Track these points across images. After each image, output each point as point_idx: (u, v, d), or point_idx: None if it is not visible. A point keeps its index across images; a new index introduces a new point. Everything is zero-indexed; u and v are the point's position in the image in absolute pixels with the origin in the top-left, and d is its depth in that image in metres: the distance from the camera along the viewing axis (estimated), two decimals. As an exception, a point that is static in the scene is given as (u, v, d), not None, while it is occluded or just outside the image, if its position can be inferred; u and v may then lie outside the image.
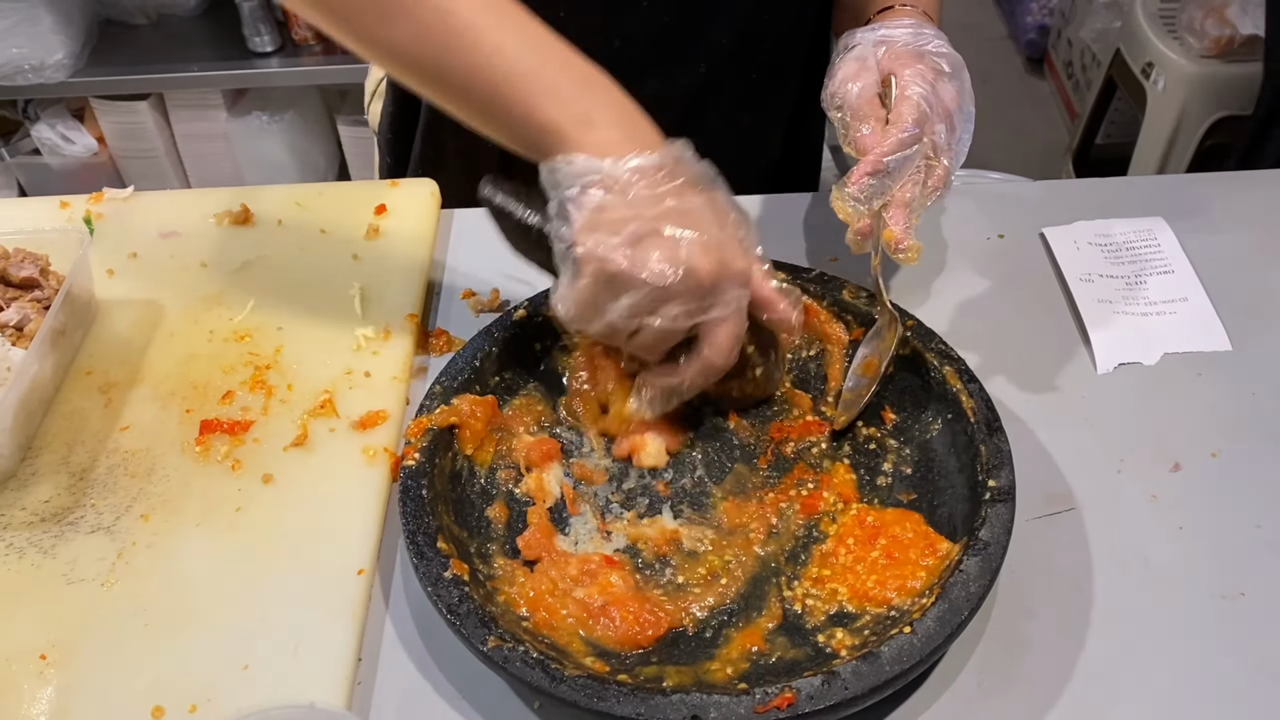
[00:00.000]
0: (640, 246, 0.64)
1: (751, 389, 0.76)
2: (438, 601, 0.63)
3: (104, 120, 2.27)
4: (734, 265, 0.66)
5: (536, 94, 0.66)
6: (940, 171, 0.77)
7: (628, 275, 0.64)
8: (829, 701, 0.57)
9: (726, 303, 0.67)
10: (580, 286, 0.65)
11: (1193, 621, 0.67)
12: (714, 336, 0.68)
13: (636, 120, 0.67)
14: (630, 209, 0.64)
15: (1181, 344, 0.83)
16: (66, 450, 0.77)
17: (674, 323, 0.66)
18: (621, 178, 0.64)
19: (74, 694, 0.64)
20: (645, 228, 0.64)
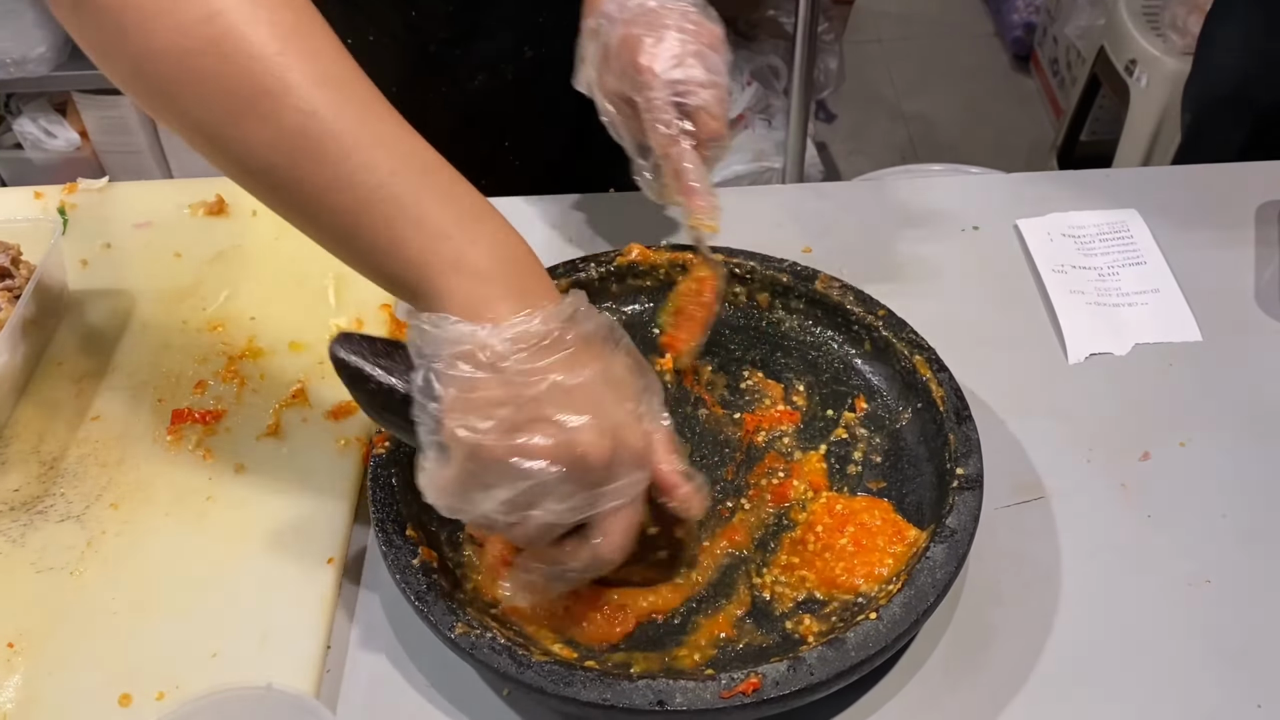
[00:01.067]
0: (518, 433, 0.53)
1: (655, 574, 0.67)
2: (405, 588, 0.63)
3: (86, 114, 2.26)
4: (630, 448, 0.56)
5: (404, 224, 0.55)
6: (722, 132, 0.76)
7: (503, 468, 0.54)
8: (794, 687, 0.57)
9: (620, 491, 0.56)
10: (449, 475, 0.55)
11: (1159, 609, 0.67)
12: (607, 527, 0.57)
13: (522, 266, 0.58)
14: (507, 388, 0.53)
15: (1152, 335, 0.83)
16: (37, 439, 0.77)
17: (559, 517, 0.56)
18: (496, 349, 0.53)
19: (42, 682, 0.64)
20: (525, 412, 0.54)
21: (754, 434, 0.76)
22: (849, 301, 0.78)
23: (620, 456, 0.56)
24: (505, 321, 0.54)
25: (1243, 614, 0.67)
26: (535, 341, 0.54)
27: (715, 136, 0.76)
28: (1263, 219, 0.93)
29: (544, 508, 0.55)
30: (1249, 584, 0.68)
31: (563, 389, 0.54)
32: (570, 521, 0.57)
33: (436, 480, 0.56)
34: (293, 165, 0.55)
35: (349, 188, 0.55)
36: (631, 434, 0.56)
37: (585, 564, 0.59)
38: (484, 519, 0.56)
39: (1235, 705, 0.63)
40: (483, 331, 0.54)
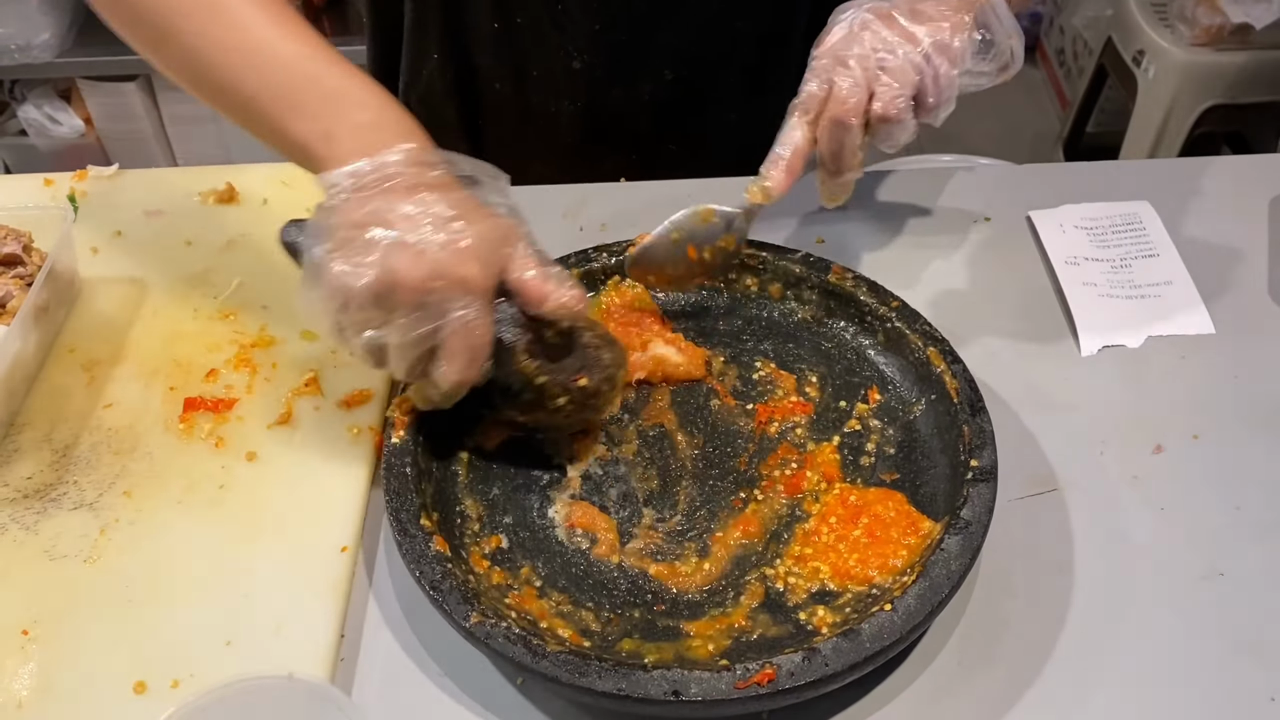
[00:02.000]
0: (346, 252, 0.61)
1: (563, 419, 0.70)
2: (420, 578, 0.63)
3: (91, 101, 2.26)
4: (454, 271, 0.60)
5: (284, 111, 0.65)
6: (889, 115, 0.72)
7: (333, 283, 0.61)
8: (809, 678, 0.57)
9: (449, 313, 0.61)
10: (309, 297, 0.63)
11: (1172, 601, 0.67)
12: (446, 351, 0.63)
13: (382, 129, 0.64)
14: (341, 215, 0.61)
15: (1165, 327, 0.83)
16: (49, 427, 0.77)
17: (397, 335, 0.62)
18: (339, 184, 0.62)
19: (56, 670, 0.64)
20: (350, 234, 0.61)
21: (767, 425, 0.75)
22: (862, 292, 0.78)
23: (438, 278, 0.60)
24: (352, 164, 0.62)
25: (1256, 606, 0.67)
26: (369, 175, 0.62)
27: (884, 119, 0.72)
28: (1276, 211, 0.93)
29: (387, 332, 0.62)
30: (1262, 577, 0.68)
31: (380, 215, 0.61)
32: (408, 341, 0.62)
33: (303, 307, 0.64)
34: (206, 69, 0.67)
35: (240, 84, 0.66)
36: (458, 258, 0.61)
37: (441, 383, 0.64)
38: (344, 343, 0.64)
39: (1249, 698, 0.63)
40: (331, 173, 0.63)
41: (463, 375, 0.64)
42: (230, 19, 0.66)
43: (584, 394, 0.69)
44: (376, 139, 0.64)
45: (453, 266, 0.61)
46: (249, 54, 0.66)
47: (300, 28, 0.67)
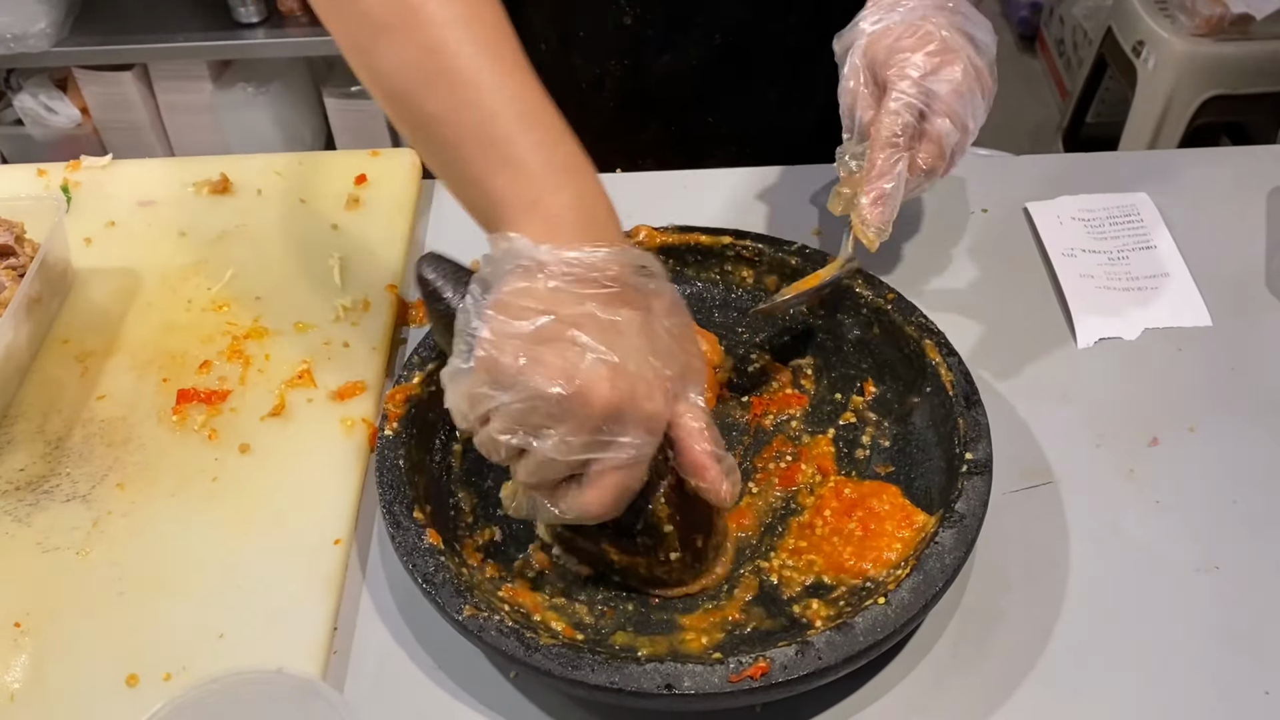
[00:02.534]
0: (541, 347, 0.55)
1: (661, 572, 0.65)
2: (413, 571, 0.62)
3: (87, 90, 2.25)
4: (643, 406, 0.55)
5: (496, 162, 0.58)
6: (937, 166, 0.74)
7: (514, 374, 0.54)
8: (802, 671, 0.57)
9: (622, 447, 0.56)
10: (469, 372, 0.56)
11: (1167, 595, 0.67)
12: (599, 480, 0.57)
13: (596, 216, 0.59)
14: (547, 302, 0.55)
15: (1162, 319, 0.83)
16: (42, 419, 0.77)
17: (557, 451, 0.56)
18: (550, 266, 0.55)
19: (48, 662, 0.64)
20: (556, 328, 0.55)
21: (762, 417, 0.75)
22: (858, 284, 0.78)
23: (629, 410, 0.55)
24: (566, 247, 0.56)
25: (1251, 600, 0.67)
26: (590, 270, 0.56)
27: (930, 169, 0.74)
28: (1275, 203, 0.92)
29: (544, 434, 0.56)
30: (1257, 570, 0.68)
31: (595, 320, 0.55)
32: (564, 460, 0.56)
33: (457, 378, 0.57)
34: (412, 91, 0.60)
35: (454, 121, 0.59)
36: (648, 394, 0.56)
37: (570, 509, 0.59)
38: (489, 439, 0.57)
39: (1243, 691, 0.63)
40: (543, 249, 0.56)
41: (603, 512, 0.58)
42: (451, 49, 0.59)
43: (695, 555, 0.65)
44: (587, 226, 0.58)
45: (644, 400, 0.56)
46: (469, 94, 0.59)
47: (524, 74, 0.60)
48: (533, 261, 0.56)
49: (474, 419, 0.58)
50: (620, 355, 0.55)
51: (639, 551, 0.64)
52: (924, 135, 0.73)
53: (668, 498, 0.62)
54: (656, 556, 0.64)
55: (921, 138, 0.73)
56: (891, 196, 0.72)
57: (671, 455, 0.60)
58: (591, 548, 0.65)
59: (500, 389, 0.55)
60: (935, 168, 0.74)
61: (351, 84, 2.29)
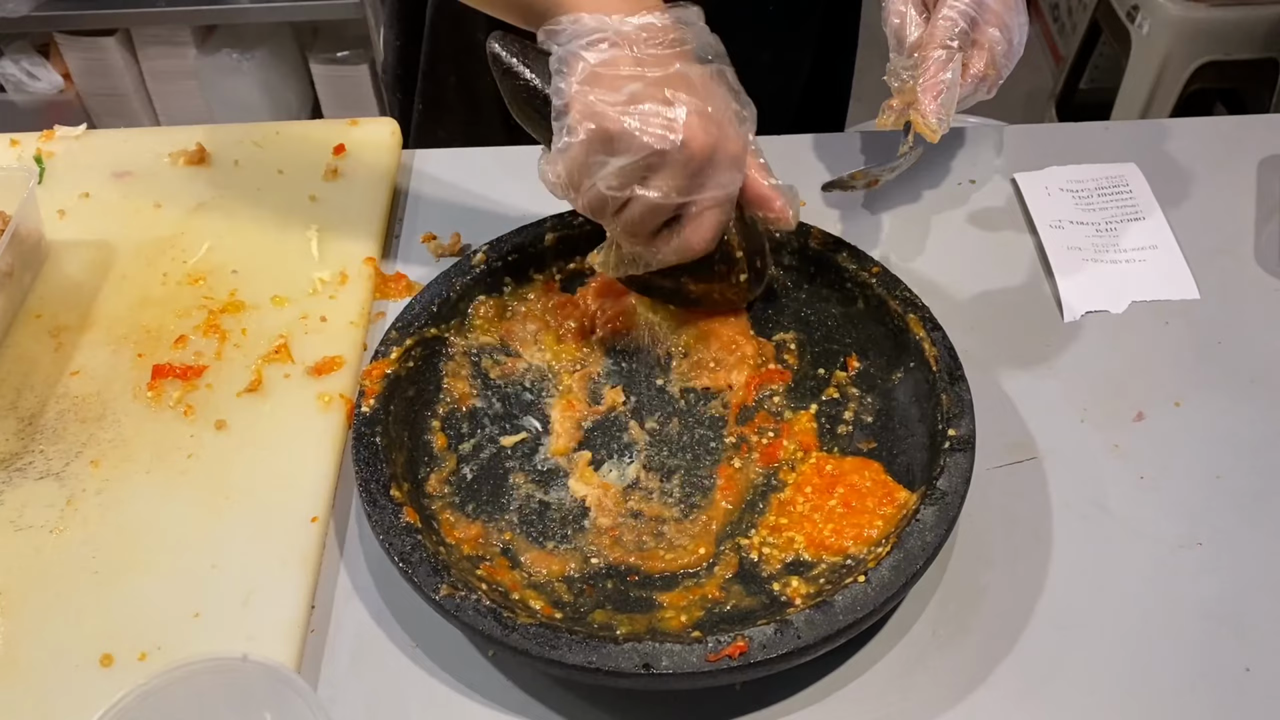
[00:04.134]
0: (640, 107, 0.61)
1: (732, 294, 0.74)
2: (390, 549, 0.62)
3: (69, 57, 2.22)
4: (730, 147, 0.63)
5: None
6: (990, 75, 0.77)
7: (623, 135, 0.61)
8: (781, 650, 0.57)
9: (720, 184, 0.64)
10: (573, 145, 0.62)
11: (1150, 571, 0.67)
12: (699, 219, 0.65)
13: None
14: (635, 67, 0.62)
15: (1150, 292, 0.82)
16: (15, 395, 0.76)
17: (664, 196, 0.63)
18: (628, 35, 0.62)
19: (22, 642, 0.63)
20: (647, 89, 0.61)
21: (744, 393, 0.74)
22: (842, 258, 0.77)
23: (721, 151, 0.63)
24: (633, 14, 0.62)
25: (1233, 576, 0.66)
26: (661, 33, 0.62)
27: (981, 76, 0.77)
28: (1265, 174, 0.91)
29: (651, 184, 0.63)
30: (1240, 546, 0.68)
31: (683, 77, 0.62)
32: (673, 203, 0.64)
33: (561, 156, 0.63)
34: None
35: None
36: (734, 136, 0.64)
37: (672, 250, 0.66)
38: (596, 198, 0.64)
39: (1225, 668, 0.62)
40: (615, 19, 0.62)
41: (706, 247, 0.66)
42: None
43: (756, 275, 0.73)
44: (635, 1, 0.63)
45: (735, 143, 0.64)
46: None
47: None
48: (611, 33, 0.62)
49: (584, 187, 0.64)
50: (710, 104, 0.62)
51: (715, 278, 0.72)
52: (975, 43, 0.77)
53: (736, 227, 0.69)
54: (729, 280, 0.72)
55: (973, 45, 0.77)
56: (949, 91, 0.75)
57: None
58: (670, 284, 0.73)
59: (611, 153, 0.62)
60: (986, 75, 0.77)
61: (338, 50, 2.26)
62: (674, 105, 0.61)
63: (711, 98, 0.63)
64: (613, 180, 0.62)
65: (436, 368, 0.74)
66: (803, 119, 1.08)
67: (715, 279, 0.72)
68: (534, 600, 0.63)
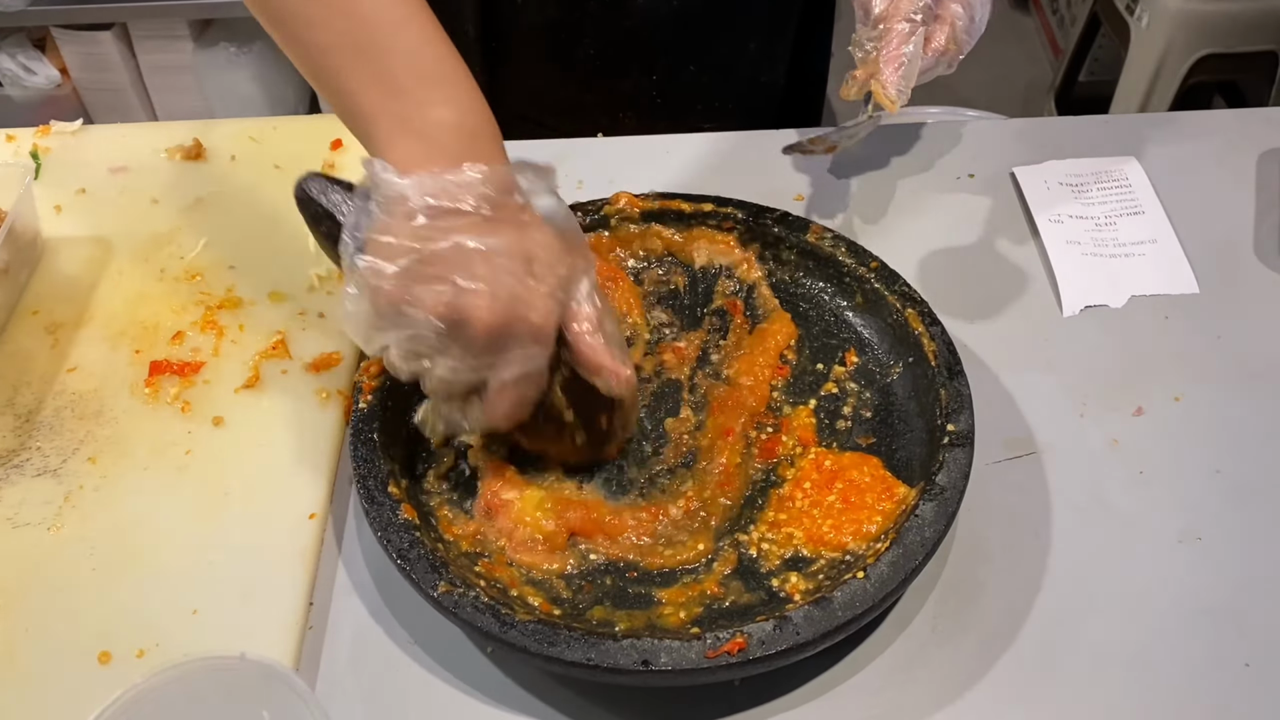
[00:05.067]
0: (413, 284, 0.56)
1: (572, 454, 0.68)
2: (388, 546, 0.62)
3: (66, 50, 2.21)
4: (526, 321, 0.58)
5: (366, 74, 0.58)
6: (949, 50, 0.77)
7: (394, 313, 0.57)
8: (779, 647, 0.57)
9: (510, 362, 0.59)
10: (356, 310, 0.58)
11: (1149, 566, 0.67)
12: (497, 394, 0.60)
13: (474, 134, 0.59)
14: (413, 239, 0.56)
15: (1149, 286, 0.82)
16: (12, 391, 0.76)
17: (453, 373, 0.59)
18: (412, 200, 0.56)
19: (20, 639, 0.63)
20: (424, 265, 0.56)
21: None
22: (841, 253, 0.76)
23: (513, 328, 0.58)
24: (431, 175, 0.56)
25: (1233, 571, 0.66)
26: (453, 197, 0.56)
27: (943, 50, 0.77)
28: (1264, 168, 0.91)
29: (436, 362, 0.59)
30: (1240, 541, 0.68)
31: (464, 251, 0.56)
32: (461, 381, 0.59)
33: (347, 314, 0.59)
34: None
35: (325, 29, 0.58)
36: (531, 308, 0.58)
37: (476, 423, 0.62)
38: (390, 365, 0.60)
39: (1224, 663, 0.62)
40: (405, 182, 0.56)
41: (505, 422, 0.62)
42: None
43: (600, 435, 0.68)
44: (454, 146, 0.58)
45: (527, 315, 0.58)
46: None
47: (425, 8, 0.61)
48: (396, 194, 0.56)
49: (373, 350, 0.60)
50: (492, 280, 0.56)
51: (546, 438, 0.67)
52: (938, 18, 0.77)
53: (565, 387, 0.64)
54: (564, 441, 0.67)
55: (935, 20, 0.76)
56: (910, 63, 0.75)
57: (565, 352, 0.62)
58: (504, 438, 0.68)
59: (388, 327, 0.58)
60: (947, 49, 0.77)
61: (335, 43, 2.25)
62: (455, 288, 0.56)
63: (504, 271, 0.57)
64: (399, 352, 0.59)
65: None
66: (784, 111, 1.09)
67: (547, 440, 0.67)
68: (532, 597, 0.63)
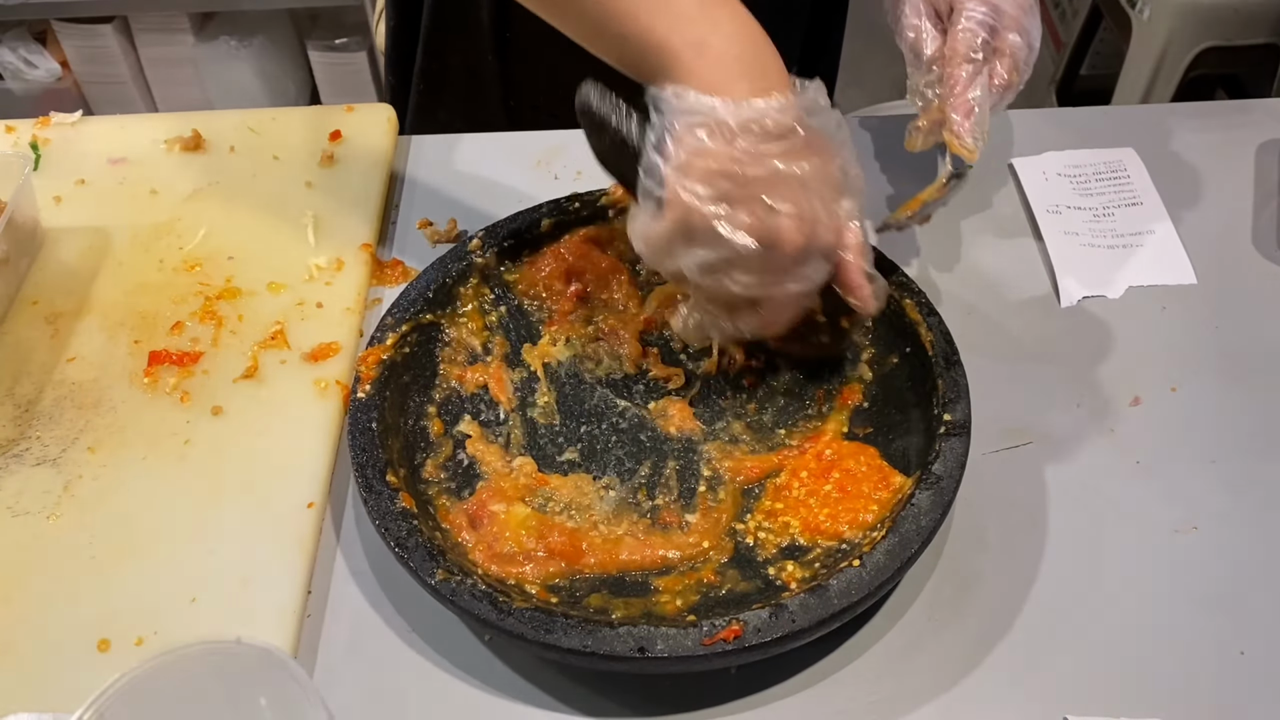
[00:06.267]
0: (731, 206, 0.59)
1: (813, 352, 0.73)
2: (386, 534, 0.62)
3: (67, 43, 2.21)
4: (821, 243, 0.61)
5: (650, 8, 0.60)
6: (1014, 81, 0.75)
7: (709, 233, 0.59)
8: (775, 634, 0.57)
9: (802, 277, 0.62)
10: (659, 228, 0.61)
11: (1145, 555, 0.67)
12: (779, 306, 0.64)
13: (760, 52, 0.61)
14: (731, 162, 0.58)
15: (1146, 277, 0.82)
16: (12, 381, 0.76)
17: (745, 289, 0.62)
18: (730, 124, 0.58)
19: (19, 627, 0.63)
20: (741, 187, 0.59)
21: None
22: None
23: (811, 248, 0.61)
24: (743, 101, 0.58)
25: (1229, 560, 0.67)
26: (765, 125, 0.59)
27: (1006, 84, 0.75)
28: (1263, 159, 0.91)
29: (733, 278, 0.61)
30: (1236, 530, 0.68)
31: (779, 175, 0.59)
32: (755, 295, 0.63)
33: (648, 231, 0.61)
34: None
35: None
36: (827, 230, 0.61)
37: (749, 329, 0.66)
38: (678, 274, 0.63)
39: (1219, 652, 0.63)
40: (721, 105, 0.58)
41: (781, 329, 0.66)
42: None
43: (839, 335, 0.72)
44: (751, 66, 0.60)
45: (829, 236, 0.61)
46: None
47: None
48: (712, 119, 0.58)
49: (666, 263, 0.62)
50: (804, 205, 0.59)
51: (794, 338, 0.70)
52: (997, 51, 0.75)
53: (820, 290, 0.67)
54: (808, 340, 0.71)
55: (994, 53, 0.75)
56: (980, 106, 0.73)
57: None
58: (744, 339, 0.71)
59: (695, 245, 0.60)
60: (1011, 82, 0.75)
61: (336, 37, 2.25)
62: (767, 209, 0.59)
63: (809, 195, 0.60)
64: (695, 267, 0.61)
65: (433, 354, 0.74)
66: None
67: (795, 338, 0.71)
68: (530, 584, 0.64)
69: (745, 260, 0.60)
